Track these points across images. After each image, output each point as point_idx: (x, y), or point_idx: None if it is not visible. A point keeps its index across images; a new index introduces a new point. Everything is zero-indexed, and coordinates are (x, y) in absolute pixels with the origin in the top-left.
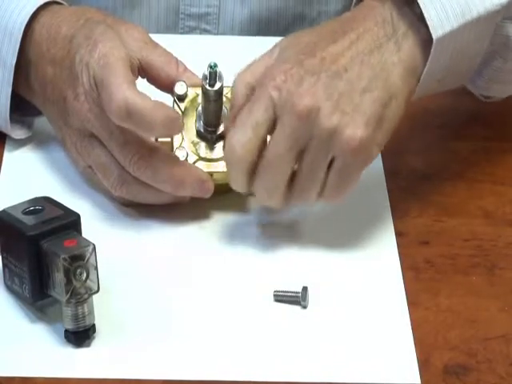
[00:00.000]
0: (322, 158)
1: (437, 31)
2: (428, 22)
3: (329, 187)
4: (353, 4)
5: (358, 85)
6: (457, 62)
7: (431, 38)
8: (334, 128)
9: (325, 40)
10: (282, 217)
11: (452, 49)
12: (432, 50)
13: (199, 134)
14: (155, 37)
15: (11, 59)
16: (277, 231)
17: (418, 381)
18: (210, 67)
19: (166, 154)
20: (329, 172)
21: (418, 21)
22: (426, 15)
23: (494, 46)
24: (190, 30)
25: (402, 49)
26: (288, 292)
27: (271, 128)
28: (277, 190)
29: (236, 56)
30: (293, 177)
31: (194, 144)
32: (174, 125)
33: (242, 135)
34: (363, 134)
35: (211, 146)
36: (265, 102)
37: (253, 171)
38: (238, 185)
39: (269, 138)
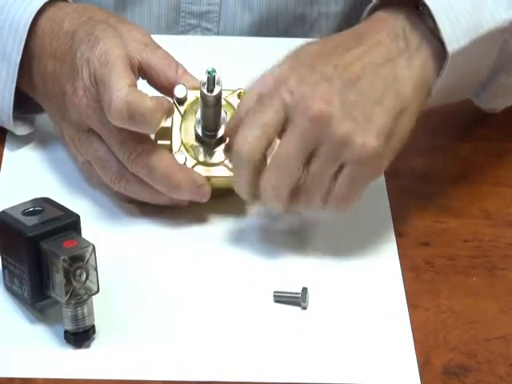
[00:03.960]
0: (331, 165)
1: (452, 45)
2: (443, 37)
3: (334, 195)
4: (364, 14)
5: (370, 95)
6: (464, 76)
7: (443, 52)
8: (345, 135)
9: (337, 49)
10: (282, 218)
11: (462, 63)
12: (447, 64)
13: (198, 138)
14: (156, 37)
15: (16, 56)
16: (277, 232)
17: (418, 382)
18: (209, 73)
19: (164, 155)
20: (335, 180)
21: (431, 34)
22: (441, 29)
23: (499, 60)
24: (191, 28)
25: (414, 63)
26: (288, 293)
27: (280, 130)
28: (283, 190)
29: (236, 57)
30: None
31: (193, 148)
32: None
33: (250, 134)
34: (374, 144)
35: (210, 150)
36: (276, 104)
37: (257, 173)
38: (242, 186)
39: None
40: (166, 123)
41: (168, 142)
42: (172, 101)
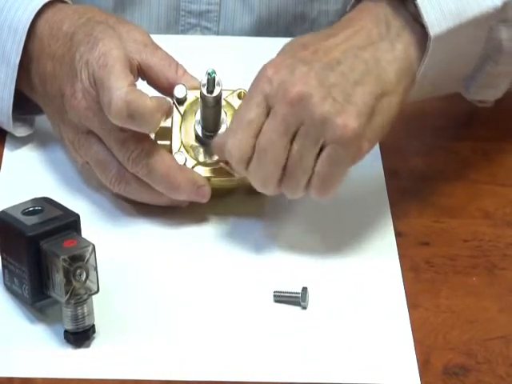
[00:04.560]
0: (312, 145)
1: (434, 29)
2: (425, 20)
3: (316, 176)
4: (349, 6)
5: (350, 77)
6: (451, 64)
7: (426, 38)
8: (325, 114)
9: (320, 37)
10: (282, 218)
11: (447, 49)
12: (429, 48)
13: (198, 139)
14: (156, 37)
15: (15, 57)
16: (276, 232)
17: (418, 381)
18: (208, 74)
19: (164, 155)
20: (316, 161)
21: (414, 20)
22: (423, 13)
23: (487, 50)
24: (191, 28)
25: (397, 48)
26: (288, 292)
27: (265, 121)
28: (271, 177)
29: (236, 57)
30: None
31: (193, 148)
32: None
33: (235, 137)
34: (354, 124)
35: (210, 150)
36: (256, 97)
37: None
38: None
39: None
40: (166, 123)
41: (168, 143)
42: (172, 101)
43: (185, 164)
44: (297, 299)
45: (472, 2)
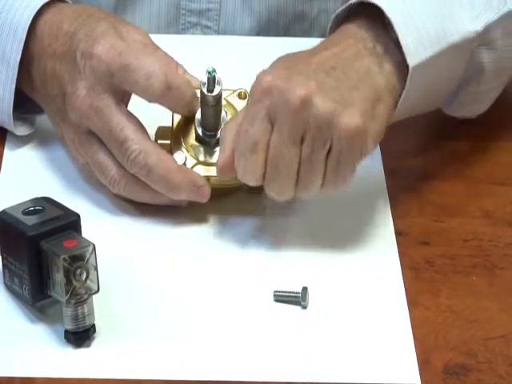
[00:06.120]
0: (321, 147)
1: (413, 59)
2: (405, 50)
3: (329, 176)
4: (328, 29)
5: (346, 82)
6: (432, 87)
7: (406, 63)
8: (329, 114)
9: (307, 53)
10: (282, 218)
11: (428, 75)
12: (408, 77)
13: (198, 138)
14: (156, 37)
15: (15, 57)
16: (277, 231)
17: (418, 381)
18: (209, 73)
19: (163, 156)
20: (326, 162)
21: (395, 46)
22: (402, 42)
23: (468, 71)
24: (191, 26)
25: (384, 66)
26: (288, 292)
27: (271, 135)
28: (286, 186)
29: (236, 56)
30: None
31: (193, 148)
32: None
33: (246, 162)
34: (359, 121)
35: (210, 150)
36: (258, 112)
37: None
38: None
39: None
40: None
41: (168, 142)
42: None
43: (185, 163)
44: (297, 299)
45: (451, 27)
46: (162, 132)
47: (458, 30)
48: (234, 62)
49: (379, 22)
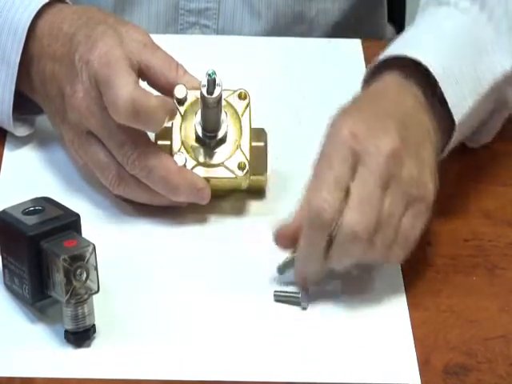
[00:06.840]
0: (401, 203)
1: (458, 116)
2: (452, 110)
3: (401, 235)
4: (367, 74)
5: (415, 139)
6: (466, 130)
7: (448, 115)
8: (415, 174)
9: (374, 129)
10: (282, 218)
11: (466, 123)
12: (454, 134)
13: (198, 139)
14: (156, 37)
15: (15, 57)
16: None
17: (418, 381)
18: (209, 75)
19: (163, 157)
20: (403, 218)
21: (439, 103)
22: (448, 100)
23: (494, 106)
24: (190, 26)
25: (433, 123)
26: (288, 292)
27: (351, 178)
28: (369, 232)
29: (236, 56)
30: None
31: (193, 149)
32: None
33: (327, 194)
34: (432, 184)
35: (210, 151)
36: (341, 152)
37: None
38: (316, 251)
39: None
40: (166, 123)
41: (168, 143)
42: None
43: (185, 165)
44: (297, 299)
45: (485, 70)
46: (162, 133)
47: (491, 72)
48: (234, 62)
49: (418, 73)
